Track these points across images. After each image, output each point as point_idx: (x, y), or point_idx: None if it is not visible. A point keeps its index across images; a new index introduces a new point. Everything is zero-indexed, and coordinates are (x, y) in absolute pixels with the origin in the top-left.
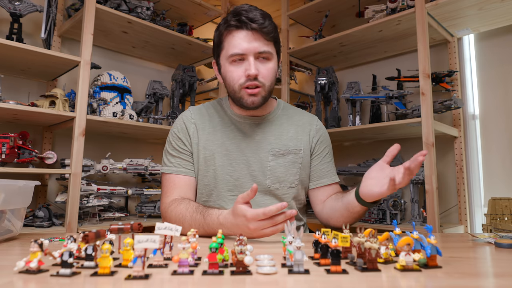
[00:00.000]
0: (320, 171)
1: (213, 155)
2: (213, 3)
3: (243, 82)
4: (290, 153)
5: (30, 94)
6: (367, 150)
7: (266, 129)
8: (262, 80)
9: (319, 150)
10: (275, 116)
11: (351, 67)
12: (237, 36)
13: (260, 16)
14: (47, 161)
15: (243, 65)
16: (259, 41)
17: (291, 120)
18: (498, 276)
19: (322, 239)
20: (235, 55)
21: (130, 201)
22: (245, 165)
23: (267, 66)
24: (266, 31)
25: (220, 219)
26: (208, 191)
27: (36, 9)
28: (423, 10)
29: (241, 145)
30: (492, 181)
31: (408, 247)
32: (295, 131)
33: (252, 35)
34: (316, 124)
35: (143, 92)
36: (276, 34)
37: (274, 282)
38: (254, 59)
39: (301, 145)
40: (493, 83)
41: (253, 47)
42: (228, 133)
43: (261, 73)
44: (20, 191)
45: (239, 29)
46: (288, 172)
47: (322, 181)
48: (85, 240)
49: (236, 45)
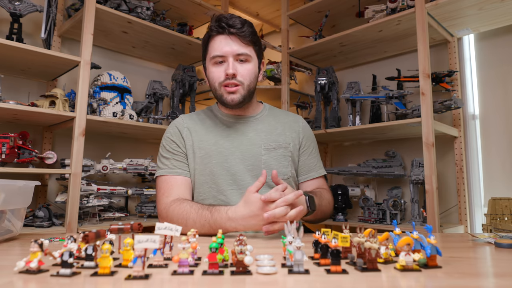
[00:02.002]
0: (308, 166)
1: (208, 153)
2: (213, 3)
3: (223, 81)
4: (281, 147)
5: (30, 94)
6: (367, 150)
7: (256, 126)
8: (241, 79)
9: (305, 146)
10: (263, 116)
11: (351, 67)
12: (218, 40)
13: (239, 22)
14: (47, 161)
15: (223, 66)
16: (237, 44)
17: (278, 119)
18: (498, 276)
19: (322, 239)
20: (216, 56)
21: (130, 201)
22: (241, 160)
23: (246, 67)
24: (243, 35)
25: (229, 213)
26: (207, 188)
27: (36, 9)
28: (423, 10)
29: (235, 142)
30: (492, 181)
31: (408, 247)
32: (282, 128)
33: (230, 39)
34: (301, 122)
35: (143, 92)
36: (254, 38)
37: (274, 282)
38: (233, 60)
39: (289, 140)
40: (493, 83)
41: (231, 50)
42: (221, 132)
43: (240, 73)
44: (20, 191)
45: (219, 34)
46: (281, 164)
47: (310, 175)
48: (85, 240)
49: (216, 48)
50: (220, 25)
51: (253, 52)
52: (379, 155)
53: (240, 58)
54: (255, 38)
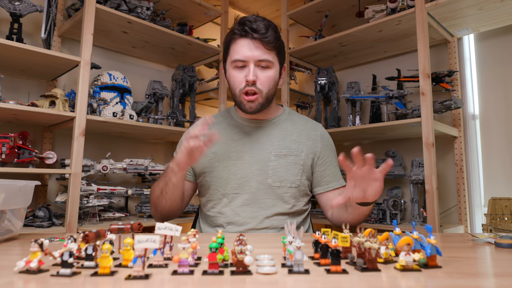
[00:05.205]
0: (328, 176)
1: (217, 156)
2: (213, 3)
3: (243, 88)
4: (292, 155)
5: (30, 94)
6: (367, 150)
7: (270, 131)
8: (260, 86)
9: (324, 156)
10: (280, 120)
11: (351, 67)
12: (240, 43)
13: (263, 27)
14: (47, 161)
15: (244, 71)
16: (260, 49)
17: (295, 124)
18: (498, 276)
19: (322, 239)
20: (237, 61)
21: (130, 201)
22: (248, 165)
23: (266, 74)
24: (267, 41)
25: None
26: (213, 190)
27: (36, 9)
28: (423, 10)
29: (245, 147)
30: (492, 181)
31: (408, 247)
32: (298, 135)
33: (253, 44)
34: (320, 130)
35: (143, 92)
36: (278, 44)
37: (274, 282)
38: (254, 66)
39: (303, 148)
40: (493, 83)
41: (253, 55)
42: (232, 135)
43: (260, 79)
44: (20, 191)
45: (242, 37)
46: (289, 172)
47: (330, 185)
48: (85, 240)
49: (238, 52)
50: (244, 28)
51: (275, 58)
52: (379, 155)
53: (261, 64)
54: (278, 44)
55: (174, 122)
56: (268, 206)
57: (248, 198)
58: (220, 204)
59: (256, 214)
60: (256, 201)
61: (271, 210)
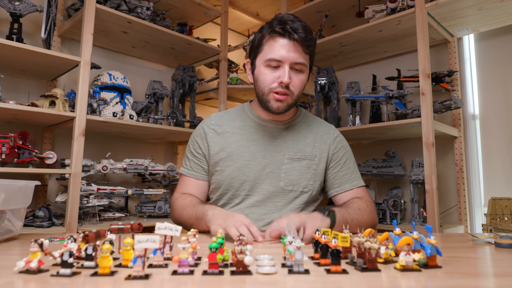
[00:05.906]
0: (341, 178)
1: (230, 156)
2: (213, 3)
3: (274, 87)
4: (306, 159)
5: (30, 94)
6: (367, 150)
7: (285, 133)
8: (292, 89)
9: (337, 158)
10: (295, 123)
11: (351, 67)
12: (279, 43)
13: (301, 28)
14: (47, 161)
15: (277, 71)
16: (297, 52)
17: (310, 127)
18: (498, 276)
19: (322, 239)
20: (272, 60)
21: (130, 201)
22: (261, 166)
23: (299, 77)
24: (307, 44)
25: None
26: (224, 190)
27: (36, 9)
28: (423, 10)
29: (259, 148)
30: (492, 181)
31: (408, 247)
32: (312, 138)
33: (292, 45)
34: (333, 133)
35: (143, 92)
36: (313, 49)
37: (274, 282)
38: (289, 68)
39: (317, 152)
40: (493, 83)
41: (290, 57)
42: (247, 135)
43: (293, 82)
44: (20, 191)
45: (282, 37)
46: (302, 176)
47: (343, 187)
48: (85, 240)
49: (275, 51)
50: (285, 28)
51: (308, 61)
52: (379, 155)
53: (296, 67)
54: (314, 48)
55: (174, 122)
56: (278, 209)
57: (259, 200)
58: (230, 204)
59: (264, 217)
60: (266, 204)
61: (279, 213)
